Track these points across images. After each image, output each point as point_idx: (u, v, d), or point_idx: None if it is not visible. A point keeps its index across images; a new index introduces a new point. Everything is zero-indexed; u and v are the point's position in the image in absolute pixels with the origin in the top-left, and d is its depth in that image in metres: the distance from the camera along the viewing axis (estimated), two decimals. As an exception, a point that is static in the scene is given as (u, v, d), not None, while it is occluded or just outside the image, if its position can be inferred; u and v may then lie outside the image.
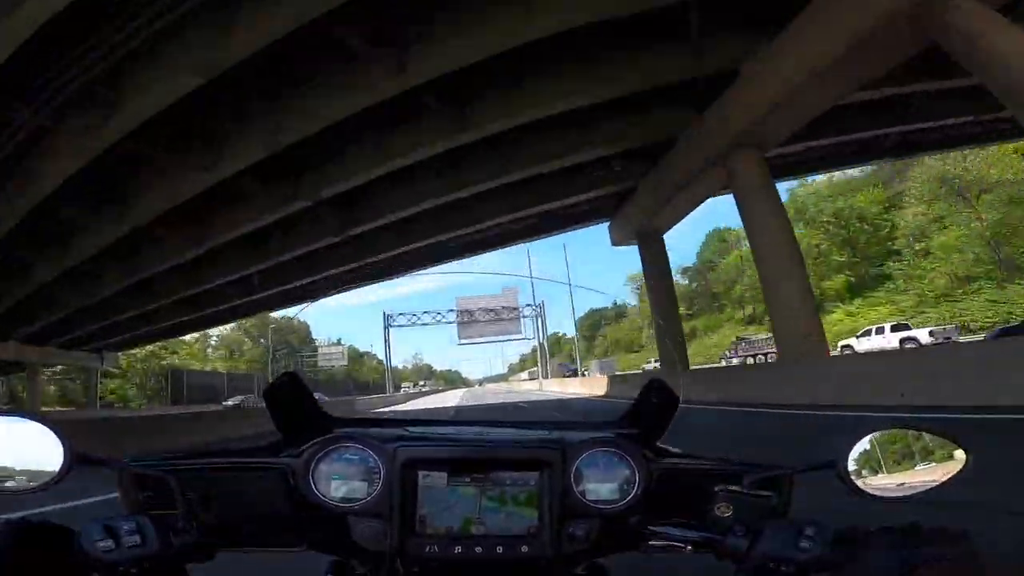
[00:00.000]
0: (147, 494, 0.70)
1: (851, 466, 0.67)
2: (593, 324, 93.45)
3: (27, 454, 0.60)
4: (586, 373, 49.51)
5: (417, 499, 0.70)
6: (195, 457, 0.74)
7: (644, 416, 0.87)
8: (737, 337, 40.43)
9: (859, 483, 0.66)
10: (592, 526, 0.73)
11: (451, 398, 33.97)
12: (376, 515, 0.70)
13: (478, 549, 0.69)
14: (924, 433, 0.68)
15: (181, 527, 0.59)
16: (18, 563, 0.49)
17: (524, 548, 0.70)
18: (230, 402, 35.88)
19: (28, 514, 0.55)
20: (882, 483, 0.67)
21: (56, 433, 0.60)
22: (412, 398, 42.98)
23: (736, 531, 0.64)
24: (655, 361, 43.29)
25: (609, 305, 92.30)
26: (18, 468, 0.61)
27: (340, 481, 0.72)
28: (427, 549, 0.69)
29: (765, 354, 30.90)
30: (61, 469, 0.60)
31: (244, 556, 0.65)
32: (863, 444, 0.68)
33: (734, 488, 0.70)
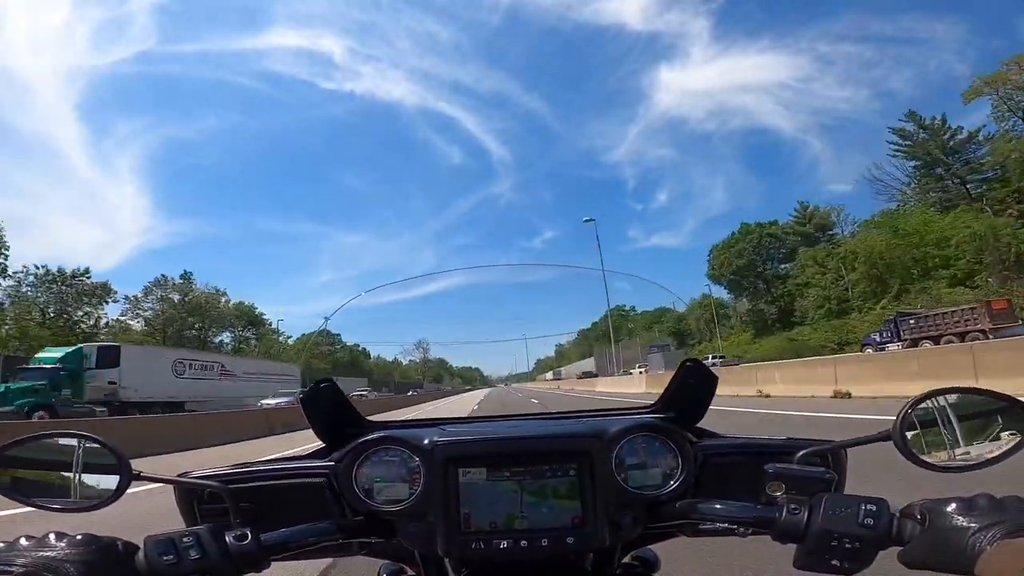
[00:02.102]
0: (204, 506, 0.73)
1: (909, 436, 0.62)
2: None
3: (86, 471, 0.63)
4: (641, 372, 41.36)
5: (459, 497, 0.71)
6: (246, 468, 0.77)
7: (681, 399, 0.85)
8: (897, 313, 31.68)
9: (918, 453, 0.62)
10: (638, 513, 0.73)
11: (464, 405, 28.75)
12: (421, 515, 0.71)
13: (523, 543, 0.68)
14: (989, 399, 0.63)
15: (237, 538, 0.61)
16: None
17: (569, 540, 0.69)
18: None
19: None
20: (943, 453, 0.62)
21: (114, 450, 0.63)
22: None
23: (791, 509, 0.61)
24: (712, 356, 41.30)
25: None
26: (78, 485, 0.63)
27: (383, 483, 0.74)
28: (472, 546, 0.69)
29: (962, 333, 24.33)
30: (119, 486, 0.63)
31: (298, 564, 0.66)
32: (920, 411, 0.63)
33: (785, 465, 0.66)
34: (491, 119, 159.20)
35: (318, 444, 0.87)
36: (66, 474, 0.63)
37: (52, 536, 0.53)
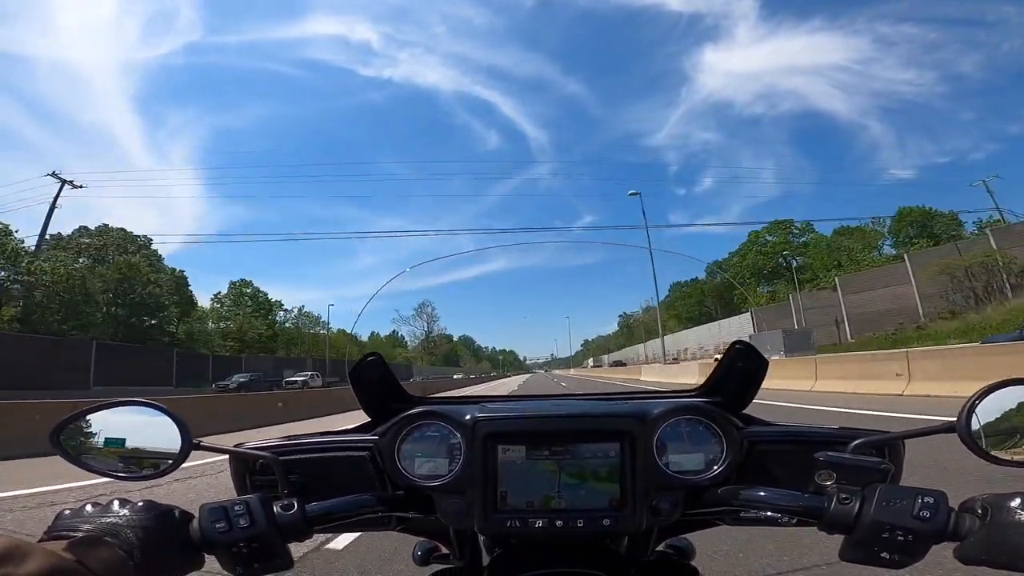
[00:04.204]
0: (255, 477, 0.76)
1: (974, 427, 0.59)
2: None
3: (149, 441, 0.66)
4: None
5: (497, 475, 0.71)
6: (295, 441, 0.80)
7: (729, 383, 0.82)
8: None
9: (985, 446, 0.59)
10: (677, 498, 0.72)
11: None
12: (459, 491, 0.71)
13: (559, 523, 0.68)
14: None
15: (284, 507, 0.63)
16: (144, 544, 0.53)
17: (606, 522, 0.69)
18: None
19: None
20: (1012, 447, 0.59)
21: (176, 420, 0.65)
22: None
23: (842, 499, 0.59)
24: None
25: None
26: (141, 454, 0.66)
27: (424, 458, 0.74)
28: (508, 524, 0.69)
29: None
30: (180, 455, 0.65)
31: (339, 536, 0.70)
32: (988, 403, 0.59)
33: (838, 454, 0.64)
34: (529, 103, 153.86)
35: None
36: (130, 444, 0.66)
37: (116, 503, 0.56)
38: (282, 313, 74.04)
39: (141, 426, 0.66)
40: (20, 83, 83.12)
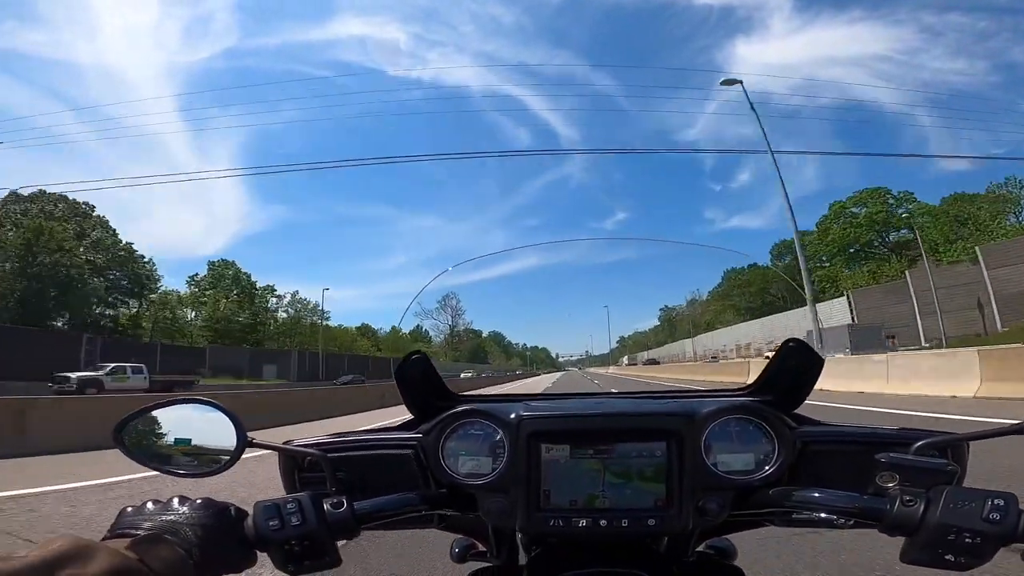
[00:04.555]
0: (303, 474, 0.77)
1: None
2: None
3: (205, 437, 0.67)
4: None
5: (541, 474, 0.70)
6: (342, 439, 0.80)
7: (780, 382, 0.80)
8: None
9: None
10: (725, 499, 0.70)
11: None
12: (502, 490, 0.71)
13: (603, 523, 0.68)
14: None
15: (334, 505, 0.63)
16: (202, 542, 0.54)
17: (651, 522, 0.68)
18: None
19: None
20: None
21: (232, 418, 0.67)
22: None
23: (906, 500, 0.57)
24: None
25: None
26: (198, 451, 0.68)
27: (467, 457, 0.75)
28: (551, 523, 0.69)
29: None
30: (235, 452, 0.66)
31: (381, 533, 0.70)
32: None
33: (901, 456, 0.62)
34: (559, 100, 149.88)
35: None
36: (188, 440, 0.67)
37: (176, 500, 0.58)
38: (274, 300, 69.51)
39: (198, 423, 0.68)
40: (70, 88, 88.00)
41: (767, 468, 0.70)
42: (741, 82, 25.81)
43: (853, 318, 38.54)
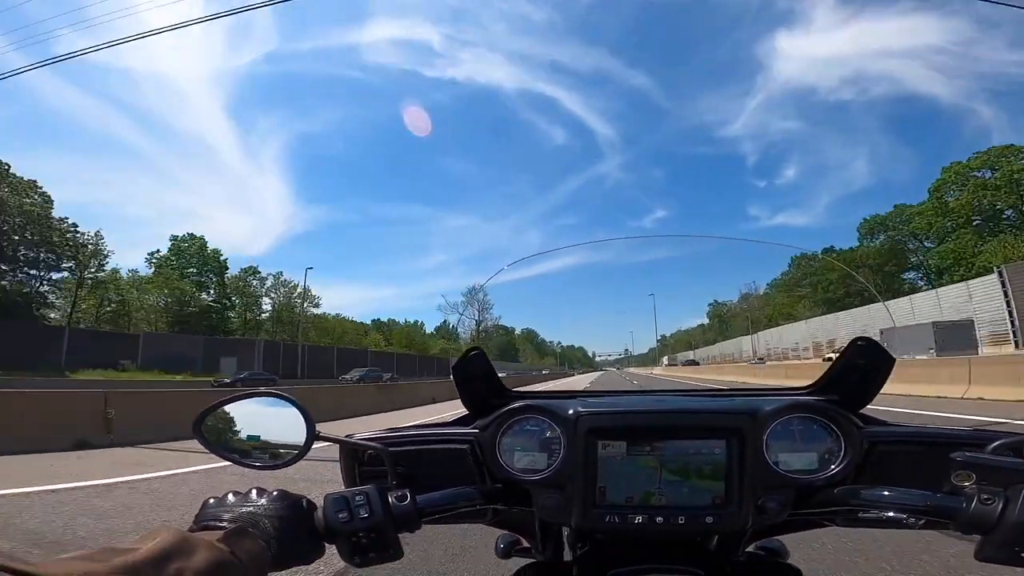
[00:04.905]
0: (363, 468, 0.79)
1: None
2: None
3: (278, 431, 0.70)
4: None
5: (597, 469, 0.71)
6: (400, 433, 0.82)
7: (846, 381, 0.78)
8: None
9: None
10: (786, 498, 0.70)
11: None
12: (558, 486, 0.72)
13: (659, 519, 0.68)
14: None
15: (399, 498, 0.65)
16: (279, 534, 0.56)
17: (709, 519, 0.68)
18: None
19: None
20: None
21: (303, 412, 0.69)
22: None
23: (984, 499, 0.56)
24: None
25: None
26: (271, 444, 0.71)
27: (523, 452, 0.75)
28: (607, 519, 0.69)
29: None
30: (304, 446, 0.68)
31: (427, 527, 0.70)
32: None
33: (977, 455, 0.60)
34: (593, 97, 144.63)
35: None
36: (261, 433, 0.71)
37: (254, 492, 0.60)
38: (256, 282, 59.75)
39: (270, 416, 0.70)
40: (123, 94, 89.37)
41: (833, 467, 0.69)
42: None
43: (1010, 301, 29.08)
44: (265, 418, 0.70)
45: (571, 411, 0.73)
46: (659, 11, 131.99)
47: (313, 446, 0.68)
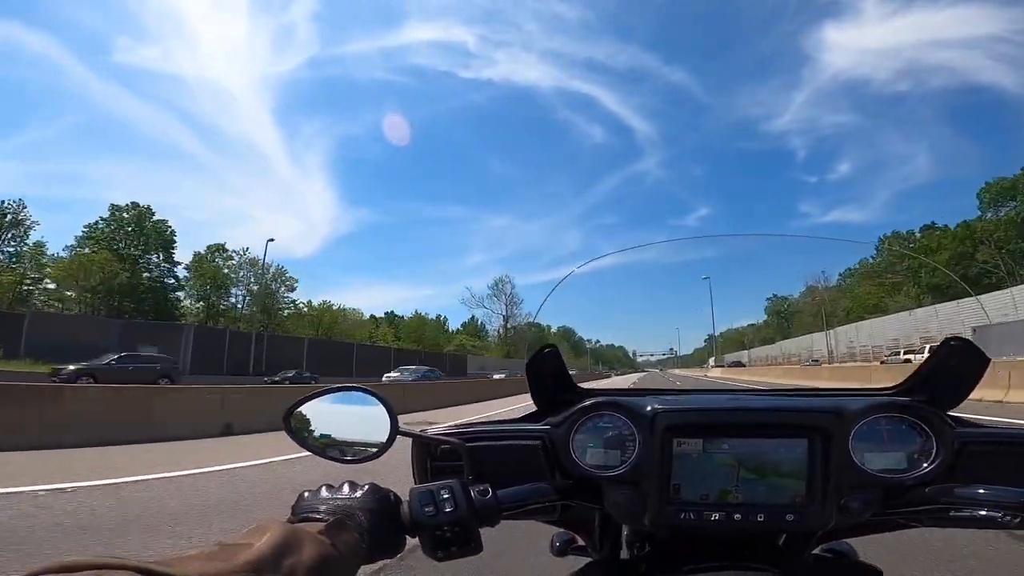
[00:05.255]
0: (435, 463, 0.80)
1: None
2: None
3: (361, 426, 0.73)
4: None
5: (672, 467, 0.70)
6: (473, 428, 0.83)
7: (937, 381, 0.76)
8: None
9: None
10: (872, 497, 0.68)
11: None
12: (633, 482, 0.71)
13: (737, 516, 0.67)
14: None
15: (480, 492, 0.65)
16: (371, 527, 0.58)
17: (790, 517, 0.67)
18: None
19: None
20: None
21: (386, 407, 0.71)
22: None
23: None
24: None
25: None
26: (356, 438, 0.73)
27: (595, 449, 0.75)
28: (682, 516, 0.68)
29: None
30: (388, 440, 0.70)
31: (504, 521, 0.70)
32: None
33: None
34: (631, 95, 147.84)
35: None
36: (346, 427, 0.73)
37: (347, 486, 0.62)
38: (219, 260, 51.39)
39: (355, 411, 0.73)
40: (177, 99, 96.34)
41: (925, 466, 0.67)
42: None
43: None
44: (350, 412, 0.73)
45: (648, 408, 0.73)
46: (692, 5, 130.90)
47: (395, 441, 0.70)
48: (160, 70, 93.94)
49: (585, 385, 0.94)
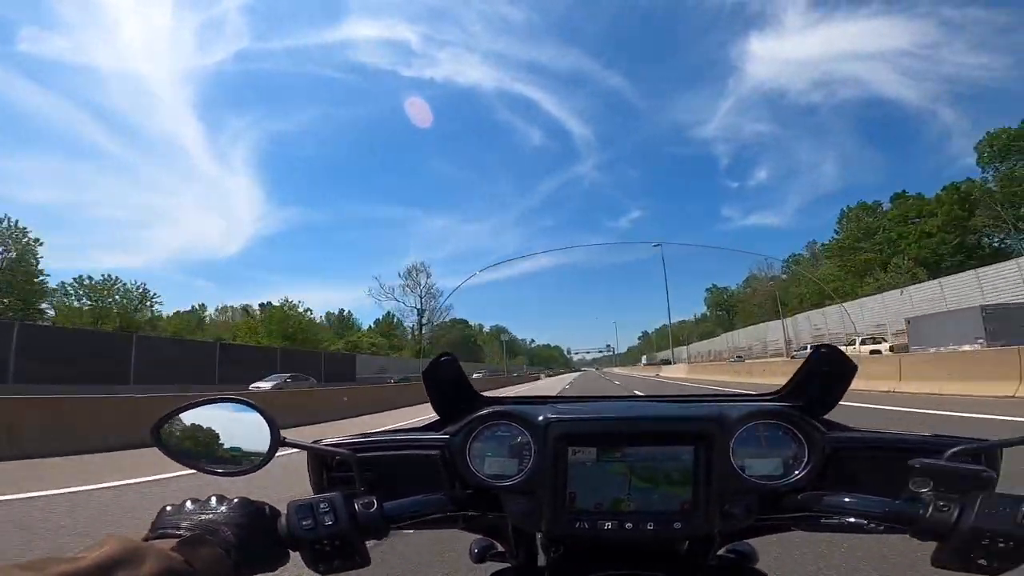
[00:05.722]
0: (332, 474, 0.77)
1: None
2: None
3: (240, 437, 0.68)
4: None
5: (567, 476, 0.71)
6: (370, 439, 0.81)
7: (810, 387, 0.80)
8: None
9: None
10: (752, 503, 0.71)
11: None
12: (528, 492, 0.72)
13: (628, 525, 0.68)
14: None
15: (364, 505, 0.64)
16: (240, 542, 0.55)
17: (676, 525, 0.68)
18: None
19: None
20: None
21: (266, 417, 0.67)
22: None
23: (940, 506, 0.58)
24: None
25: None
26: (233, 450, 0.68)
27: (493, 458, 0.75)
28: (577, 525, 0.69)
29: None
30: (268, 452, 0.67)
31: (400, 532, 0.68)
32: None
33: (935, 461, 0.61)
34: (571, 98, 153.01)
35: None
36: (223, 439, 0.68)
37: (213, 500, 0.59)
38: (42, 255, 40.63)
39: (232, 422, 0.68)
40: (90, 93, 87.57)
41: (796, 473, 0.70)
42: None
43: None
44: (228, 424, 0.68)
45: (541, 417, 0.73)
46: (636, 13, 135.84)
47: (278, 452, 0.67)
48: (72, 62, 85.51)
49: (502, 392, 0.96)
